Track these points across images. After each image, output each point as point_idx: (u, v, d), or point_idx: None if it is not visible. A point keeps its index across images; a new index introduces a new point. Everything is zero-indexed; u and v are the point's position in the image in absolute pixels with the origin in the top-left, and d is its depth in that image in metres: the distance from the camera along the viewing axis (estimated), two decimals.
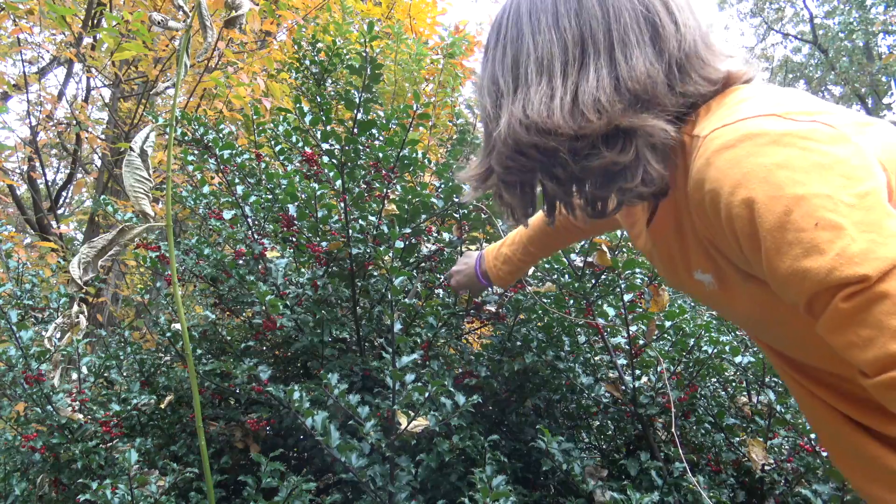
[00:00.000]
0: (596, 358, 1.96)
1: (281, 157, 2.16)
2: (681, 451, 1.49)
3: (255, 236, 1.99)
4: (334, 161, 1.80)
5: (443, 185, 1.87)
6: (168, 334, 1.85)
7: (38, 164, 4.92)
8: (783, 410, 1.74)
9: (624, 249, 1.89)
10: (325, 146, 1.80)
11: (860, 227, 0.54)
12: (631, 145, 0.69)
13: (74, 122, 4.52)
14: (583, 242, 1.83)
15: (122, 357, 2.01)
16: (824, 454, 1.50)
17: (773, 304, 0.69)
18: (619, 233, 1.82)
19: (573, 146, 0.69)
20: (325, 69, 2.96)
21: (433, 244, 1.93)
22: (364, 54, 1.65)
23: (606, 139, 0.69)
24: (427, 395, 1.43)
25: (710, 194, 0.63)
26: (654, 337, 1.83)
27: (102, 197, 2.18)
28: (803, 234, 0.56)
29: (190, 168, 2.14)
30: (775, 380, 1.94)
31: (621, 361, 1.80)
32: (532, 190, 0.79)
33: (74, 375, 1.86)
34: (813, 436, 1.51)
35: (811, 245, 0.55)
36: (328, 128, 1.80)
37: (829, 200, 0.55)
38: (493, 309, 1.87)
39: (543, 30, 0.72)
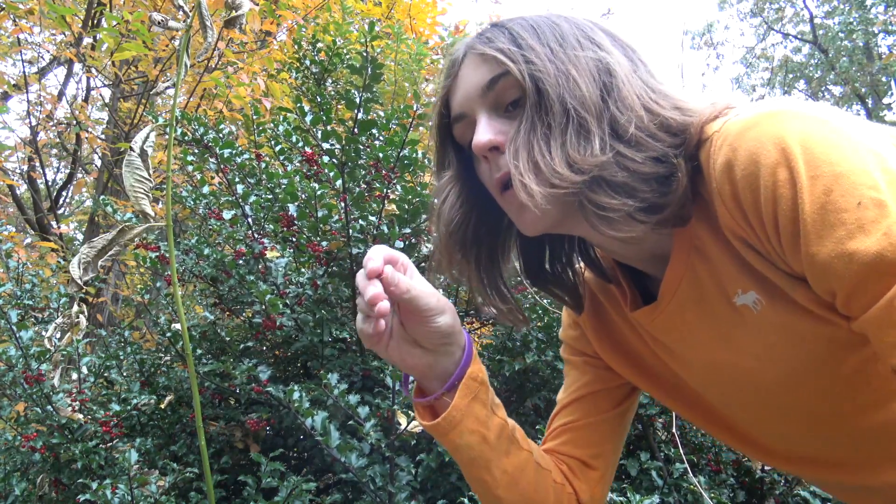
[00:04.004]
0: None
1: (281, 157, 2.16)
2: (681, 451, 1.49)
3: (256, 236, 1.99)
4: (335, 161, 1.80)
5: None
6: (168, 334, 1.85)
7: (38, 164, 4.92)
8: None
9: None
10: (325, 146, 1.80)
11: None
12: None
13: (74, 122, 4.52)
14: None
15: (122, 357, 2.01)
16: None
17: (819, 313, 0.62)
18: None
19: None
20: (325, 69, 2.96)
21: (433, 244, 1.93)
22: (364, 54, 1.65)
23: None
24: None
25: (746, 179, 0.57)
26: None
27: (102, 197, 2.18)
28: (846, 215, 0.52)
29: (190, 168, 2.14)
30: None
31: None
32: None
33: (74, 375, 1.86)
34: None
35: (856, 226, 0.52)
36: (329, 127, 1.80)
37: (868, 177, 0.52)
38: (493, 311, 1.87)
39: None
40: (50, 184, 6.07)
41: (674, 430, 1.56)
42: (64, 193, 6.11)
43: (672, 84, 0.69)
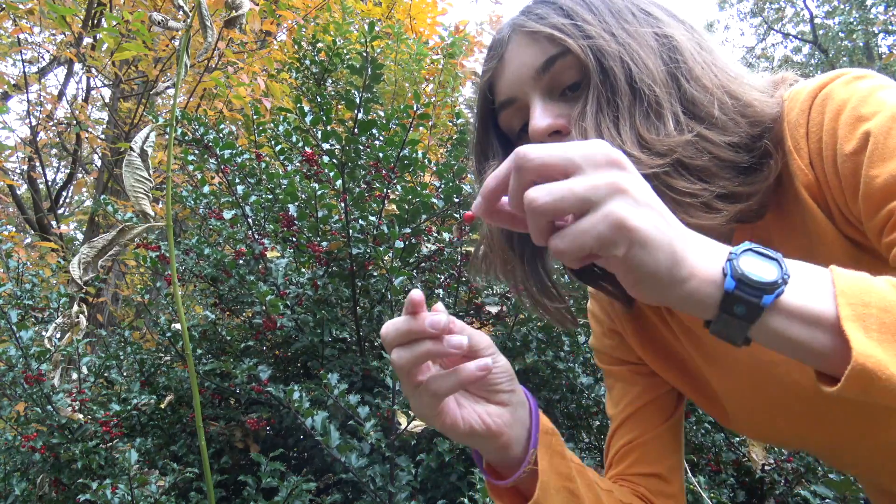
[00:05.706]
0: None
1: (281, 157, 2.16)
2: None
3: (256, 236, 1.99)
4: (335, 161, 1.80)
5: (443, 185, 1.87)
6: (168, 334, 1.85)
7: (38, 164, 4.92)
8: None
9: None
10: (325, 146, 1.80)
11: None
12: None
13: (74, 122, 4.52)
14: None
15: (122, 357, 2.01)
16: None
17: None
18: None
19: None
20: (325, 69, 2.97)
21: (433, 244, 1.93)
22: (364, 54, 1.65)
23: None
24: None
25: (832, 114, 0.57)
26: None
27: (102, 197, 2.18)
28: None
29: (190, 168, 2.14)
30: None
31: None
32: None
33: (74, 375, 1.86)
34: None
35: None
36: (329, 127, 1.80)
37: None
38: (493, 311, 1.87)
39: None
40: (50, 184, 6.07)
41: None
42: (64, 193, 6.11)
43: (739, 66, 0.65)
